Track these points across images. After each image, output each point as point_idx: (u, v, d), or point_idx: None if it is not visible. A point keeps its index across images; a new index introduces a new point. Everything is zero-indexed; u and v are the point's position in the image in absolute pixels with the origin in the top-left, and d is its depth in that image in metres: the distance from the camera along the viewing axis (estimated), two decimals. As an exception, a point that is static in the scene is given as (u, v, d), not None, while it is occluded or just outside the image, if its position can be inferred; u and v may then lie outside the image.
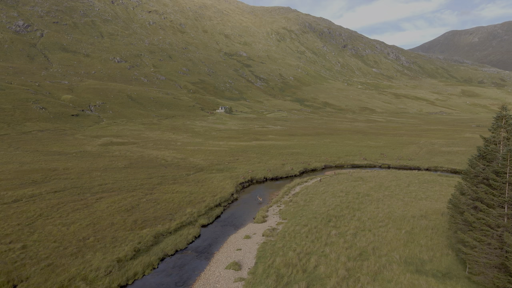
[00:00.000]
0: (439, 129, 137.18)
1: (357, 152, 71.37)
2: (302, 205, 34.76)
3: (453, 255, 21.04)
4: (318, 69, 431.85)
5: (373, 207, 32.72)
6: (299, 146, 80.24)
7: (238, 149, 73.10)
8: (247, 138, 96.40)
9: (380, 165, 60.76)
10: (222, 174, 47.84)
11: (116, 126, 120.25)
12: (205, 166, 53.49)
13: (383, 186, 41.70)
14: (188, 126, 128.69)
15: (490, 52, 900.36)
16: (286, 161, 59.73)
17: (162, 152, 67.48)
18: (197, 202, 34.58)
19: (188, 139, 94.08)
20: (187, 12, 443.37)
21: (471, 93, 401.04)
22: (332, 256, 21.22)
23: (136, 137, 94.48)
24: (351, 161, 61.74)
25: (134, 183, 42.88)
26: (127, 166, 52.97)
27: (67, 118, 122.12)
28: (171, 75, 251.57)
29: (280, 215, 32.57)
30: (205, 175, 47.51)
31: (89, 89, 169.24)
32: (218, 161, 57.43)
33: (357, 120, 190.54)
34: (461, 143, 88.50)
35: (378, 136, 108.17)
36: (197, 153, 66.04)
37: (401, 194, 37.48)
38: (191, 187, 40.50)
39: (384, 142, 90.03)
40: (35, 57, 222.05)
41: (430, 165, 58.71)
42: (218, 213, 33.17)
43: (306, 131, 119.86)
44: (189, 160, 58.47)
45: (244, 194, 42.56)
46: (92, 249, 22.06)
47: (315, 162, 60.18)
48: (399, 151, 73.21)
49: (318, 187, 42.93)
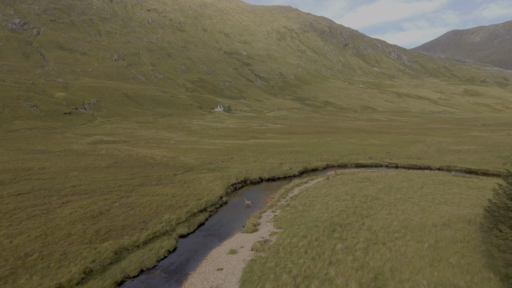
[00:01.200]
0: (444, 128, 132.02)
1: (361, 150, 66.36)
2: (301, 210, 29.77)
3: (496, 279, 16.12)
4: (319, 68, 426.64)
5: (384, 213, 27.69)
6: (299, 144, 75.31)
7: (234, 148, 68.22)
8: (245, 136, 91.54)
9: (387, 164, 55.59)
10: (212, 174, 42.91)
11: (109, 125, 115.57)
12: (196, 166, 48.59)
13: (394, 187, 36.64)
14: (185, 125, 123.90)
15: (492, 52, 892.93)
16: (284, 160, 54.80)
17: (153, 150, 62.66)
18: (178, 206, 29.63)
19: (183, 137, 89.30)
20: (186, 11, 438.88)
21: (474, 92, 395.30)
22: (339, 282, 16.27)
23: (128, 136, 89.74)
24: (355, 160, 56.65)
25: (112, 184, 38.00)
26: (110, 166, 48.12)
27: (59, 116, 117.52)
28: (169, 73, 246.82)
29: (275, 222, 27.68)
30: (193, 175, 42.61)
31: (84, 87, 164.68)
32: (210, 160, 52.52)
33: (359, 119, 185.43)
34: (470, 142, 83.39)
35: (381, 134, 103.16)
36: (190, 152, 61.18)
37: (415, 197, 32.41)
38: (175, 189, 35.58)
39: (388, 141, 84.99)
40: (30, 55, 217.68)
41: (442, 164, 53.60)
42: (202, 220, 28.13)
43: (306, 129, 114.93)
44: (180, 159, 53.57)
45: (236, 196, 37.57)
46: (30, 270, 17.19)
47: (316, 161, 55.17)
48: (406, 150, 68.16)
49: (320, 188, 37.88)
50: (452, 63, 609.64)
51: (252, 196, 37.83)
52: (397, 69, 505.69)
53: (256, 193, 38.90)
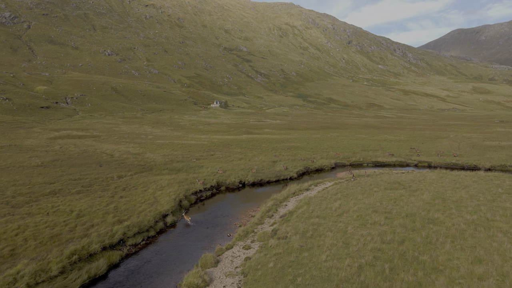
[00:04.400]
0: (462, 124, 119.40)
1: (376, 146, 54.23)
2: (296, 249, 16.85)
3: None
4: (321, 65, 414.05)
5: (463, 258, 14.47)
6: (299, 140, 63.39)
7: (220, 143, 56.44)
8: (237, 131, 79.76)
9: (416, 163, 43.37)
10: (171, 177, 30.87)
11: (90, 120, 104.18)
12: (159, 164, 36.85)
13: (448, 199, 23.22)
14: (174, 120, 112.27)
15: (498, 51, 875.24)
16: (279, 157, 42.85)
17: (118, 146, 51.02)
18: (67, 239, 17.46)
19: (166, 132, 77.66)
20: (186, 7, 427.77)
21: (482, 90, 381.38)
22: None
23: (104, 131, 78.17)
24: (372, 158, 44.63)
25: (10, 191, 25.82)
26: (44, 164, 36.35)
27: (34, 111, 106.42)
28: (165, 68, 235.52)
29: (243, 279, 14.98)
30: (145, 178, 30.69)
31: (70, 81, 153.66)
32: (182, 158, 40.77)
33: (365, 116, 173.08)
34: (502, 137, 71.12)
35: (394, 130, 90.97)
36: (163, 148, 49.47)
37: (498, 219, 18.87)
38: (97, 201, 23.46)
39: (405, 136, 72.84)
40: (18, 49, 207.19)
41: (492, 163, 40.93)
42: (100, 270, 15.53)
43: (308, 125, 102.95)
44: (144, 156, 41.84)
45: (197, 212, 24.95)
46: None
47: (321, 159, 43.12)
48: (432, 146, 56.00)
49: (329, 200, 24.94)
50: (458, 61, 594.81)
51: (222, 211, 25.32)
52: (402, 67, 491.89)
53: (229, 207, 26.59)
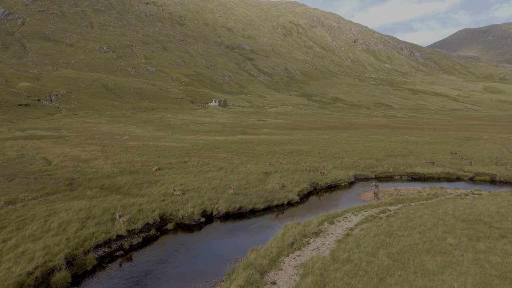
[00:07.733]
0: (484, 124, 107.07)
1: (404, 150, 42.41)
2: None
3: None
4: (327, 64, 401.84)
5: None
6: (303, 141, 52.13)
7: (204, 146, 45.38)
8: (231, 132, 68.67)
9: (472, 176, 31.25)
10: (91, 204, 18.75)
11: (70, 119, 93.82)
12: (99, 177, 26.06)
13: None
14: (165, 119, 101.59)
15: (506, 51, 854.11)
16: (275, 166, 31.53)
17: (72, 149, 40.25)
18: None
19: (149, 133, 66.89)
20: (187, 5, 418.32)
21: (494, 90, 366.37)
22: None
23: (77, 131, 67.60)
24: (406, 167, 32.30)
25: None
26: None
27: (9, 108, 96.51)
28: (163, 66, 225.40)
29: None
30: (48, 206, 19.02)
31: (58, 78, 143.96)
32: (141, 166, 29.94)
33: (374, 116, 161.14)
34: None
35: (411, 130, 79.23)
36: (128, 152, 38.61)
37: None
38: None
39: (430, 137, 61.18)
40: (10, 45, 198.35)
41: None
42: None
43: (314, 125, 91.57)
44: (91, 163, 31.05)
45: None
46: None
47: (334, 169, 31.44)
48: (471, 149, 44.33)
49: (364, 272, 12.00)
50: (467, 60, 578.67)
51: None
52: (410, 66, 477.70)
53: (157, 281, 14.02)
